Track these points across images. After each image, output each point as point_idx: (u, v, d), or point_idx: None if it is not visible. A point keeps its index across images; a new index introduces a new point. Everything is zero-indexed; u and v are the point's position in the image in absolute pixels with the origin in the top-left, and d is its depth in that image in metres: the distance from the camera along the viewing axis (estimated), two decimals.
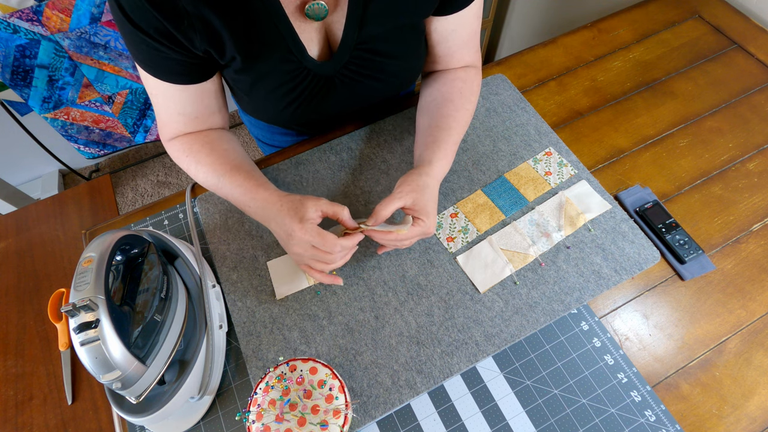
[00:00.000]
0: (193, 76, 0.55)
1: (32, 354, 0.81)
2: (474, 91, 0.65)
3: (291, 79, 0.58)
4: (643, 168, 0.72)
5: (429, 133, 0.62)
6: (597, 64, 0.84)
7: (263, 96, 0.60)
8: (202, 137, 0.61)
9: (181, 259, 0.62)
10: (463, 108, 0.63)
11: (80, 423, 0.75)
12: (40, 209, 1.05)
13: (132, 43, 0.50)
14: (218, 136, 0.63)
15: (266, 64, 0.55)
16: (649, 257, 0.63)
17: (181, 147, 0.61)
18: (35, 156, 1.70)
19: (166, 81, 0.54)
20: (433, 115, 0.63)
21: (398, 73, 0.63)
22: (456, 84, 0.64)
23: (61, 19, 1.15)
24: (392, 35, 0.57)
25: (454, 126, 0.62)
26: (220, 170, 0.59)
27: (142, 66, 0.53)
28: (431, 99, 0.65)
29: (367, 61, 0.59)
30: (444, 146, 0.60)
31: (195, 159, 0.60)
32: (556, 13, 1.43)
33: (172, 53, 0.51)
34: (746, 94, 0.79)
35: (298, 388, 0.51)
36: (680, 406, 0.55)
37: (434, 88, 0.66)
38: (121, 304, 0.49)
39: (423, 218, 0.55)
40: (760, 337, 0.59)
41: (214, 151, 0.60)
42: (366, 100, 0.68)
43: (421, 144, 0.62)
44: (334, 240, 0.52)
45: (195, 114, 0.59)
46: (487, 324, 0.59)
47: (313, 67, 0.57)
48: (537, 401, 0.56)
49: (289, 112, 0.62)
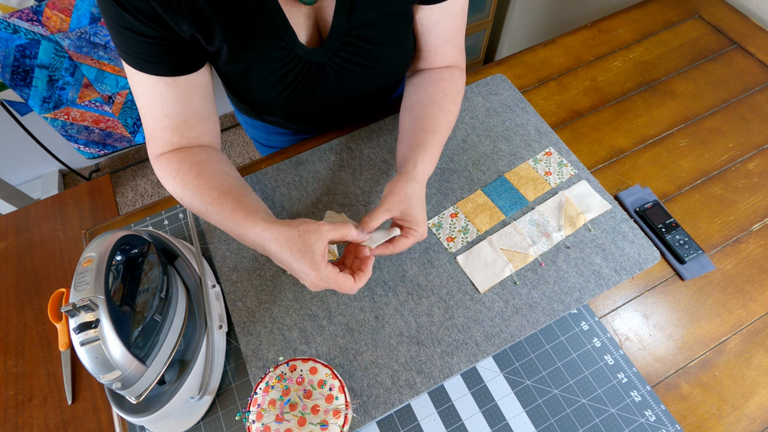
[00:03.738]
0: (180, 66, 0.53)
1: (32, 354, 0.81)
2: (458, 92, 0.65)
3: (282, 66, 0.57)
4: (643, 168, 0.72)
5: (414, 134, 0.61)
6: (597, 64, 0.84)
7: (255, 84, 0.59)
8: (191, 157, 0.58)
9: (181, 259, 0.62)
10: (447, 110, 0.63)
11: (80, 423, 0.75)
12: (40, 209, 1.05)
13: (117, 30, 0.49)
14: (207, 157, 0.59)
15: (256, 50, 0.54)
16: (649, 257, 0.63)
17: (168, 167, 0.57)
18: (35, 156, 1.70)
19: (150, 73, 0.52)
20: (417, 115, 0.62)
21: (388, 61, 0.63)
22: (440, 85, 0.64)
23: (61, 19, 1.15)
24: (382, 22, 0.57)
25: (438, 128, 0.61)
26: (207, 197, 0.55)
27: (126, 59, 0.52)
28: (416, 99, 0.64)
29: (357, 48, 0.58)
30: (429, 149, 0.59)
31: (182, 181, 0.56)
32: (556, 13, 1.43)
33: (158, 37, 0.49)
34: (746, 94, 0.79)
35: (298, 388, 0.51)
36: (680, 406, 0.55)
37: (418, 88, 0.65)
38: (121, 304, 0.49)
39: (414, 228, 0.54)
40: (760, 337, 0.59)
41: (202, 174, 0.56)
42: (358, 90, 0.67)
43: (405, 145, 0.61)
44: (350, 284, 0.51)
45: (182, 117, 0.56)
46: (487, 324, 0.59)
47: (304, 53, 0.56)
48: (537, 401, 0.56)
49: (281, 100, 0.61)
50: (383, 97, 0.80)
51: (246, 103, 0.65)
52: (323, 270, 0.49)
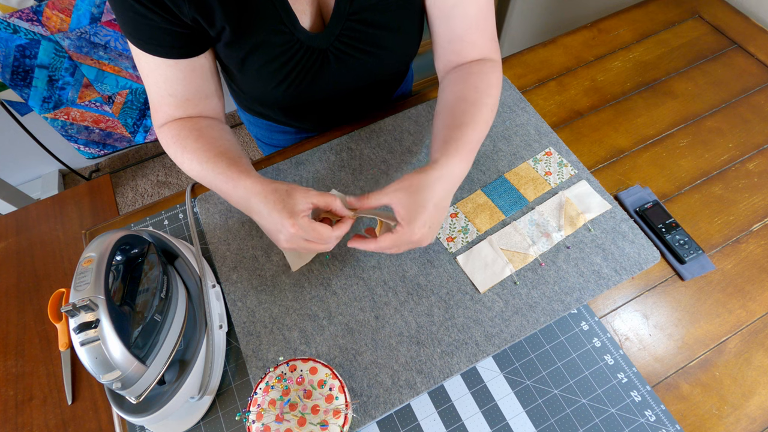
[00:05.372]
0: (183, 50, 0.53)
1: (32, 354, 0.81)
2: (492, 84, 0.59)
3: (283, 53, 0.56)
4: (643, 168, 0.72)
5: (444, 133, 0.57)
6: (597, 64, 0.84)
7: (255, 72, 0.58)
8: (191, 123, 0.59)
9: (181, 259, 0.62)
10: (479, 102, 0.57)
11: (80, 423, 0.75)
12: (40, 209, 1.05)
13: (121, 12, 0.50)
14: (208, 124, 0.60)
15: (257, 35, 0.54)
16: (649, 257, 0.63)
17: (170, 133, 0.58)
18: (35, 156, 1.70)
19: (155, 55, 0.53)
20: (446, 114, 0.58)
21: (392, 47, 0.61)
22: (470, 79, 0.59)
23: (61, 19, 1.15)
24: (385, 5, 0.56)
25: (467, 122, 0.56)
26: (203, 157, 0.56)
27: (131, 39, 0.52)
28: (445, 101, 0.61)
29: (360, 33, 0.57)
30: (455, 143, 0.54)
31: (181, 145, 0.57)
32: (556, 13, 1.43)
33: (160, 20, 0.50)
34: (746, 94, 0.79)
35: (298, 388, 0.51)
36: (680, 406, 0.55)
37: (449, 90, 0.61)
38: (121, 304, 0.49)
39: (402, 224, 0.50)
40: (760, 337, 0.59)
41: (201, 138, 0.57)
42: (360, 79, 0.65)
43: (435, 146, 0.57)
44: (328, 232, 0.50)
45: (185, 95, 0.57)
46: (487, 324, 0.59)
47: (306, 39, 0.56)
48: (537, 401, 0.56)
49: (282, 89, 0.60)
50: (386, 90, 0.79)
51: (246, 93, 0.65)
52: (300, 219, 0.49)
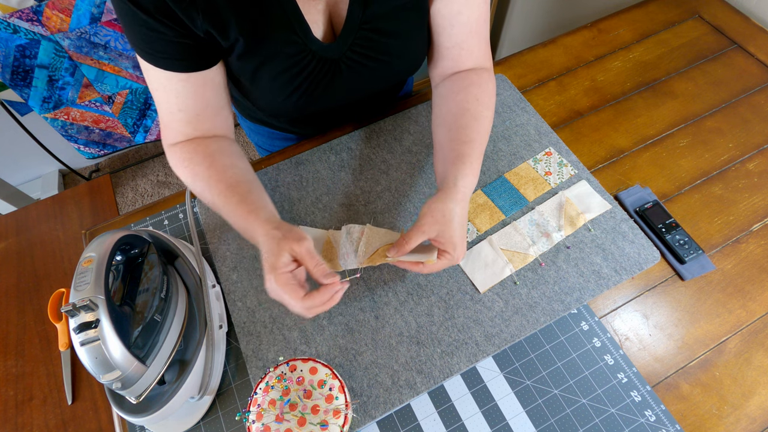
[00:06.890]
0: (193, 62, 0.53)
1: (32, 354, 0.81)
2: (491, 95, 0.62)
3: (295, 63, 0.56)
4: (643, 168, 0.72)
5: (450, 147, 0.58)
6: (597, 64, 0.84)
7: (267, 84, 0.58)
8: (203, 148, 0.59)
9: (181, 259, 0.62)
10: (482, 116, 0.60)
11: (80, 423, 0.75)
12: (40, 209, 1.05)
13: (131, 27, 0.49)
14: (219, 149, 0.60)
15: (270, 46, 0.54)
16: (649, 257, 0.63)
17: (181, 156, 0.59)
18: (35, 156, 1.70)
19: (165, 69, 0.52)
20: (451, 127, 0.59)
21: (403, 54, 0.61)
22: (471, 90, 0.61)
23: (61, 19, 1.15)
24: (396, 14, 0.56)
25: (475, 137, 0.58)
26: (215, 189, 0.56)
27: (141, 54, 0.52)
28: (446, 110, 0.61)
29: (372, 41, 0.58)
30: (468, 161, 0.56)
31: (192, 172, 0.58)
32: (556, 13, 1.43)
33: (172, 34, 0.49)
34: (746, 94, 0.79)
35: (298, 388, 0.51)
36: (680, 406, 0.55)
37: (448, 98, 0.62)
38: (121, 304, 0.49)
39: (449, 251, 0.52)
40: (760, 337, 0.59)
41: (213, 166, 0.57)
42: (371, 88, 0.66)
43: (443, 160, 0.58)
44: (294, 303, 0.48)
45: (196, 111, 0.57)
46: (487, 324, 0.59)
47: (318, 49, 0.56)
48: (537, 401, 0.56)
49: (294, 100, 0.60)
50: (391, 95, 0.79)
51: (255, 104, 0.65)
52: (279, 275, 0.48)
